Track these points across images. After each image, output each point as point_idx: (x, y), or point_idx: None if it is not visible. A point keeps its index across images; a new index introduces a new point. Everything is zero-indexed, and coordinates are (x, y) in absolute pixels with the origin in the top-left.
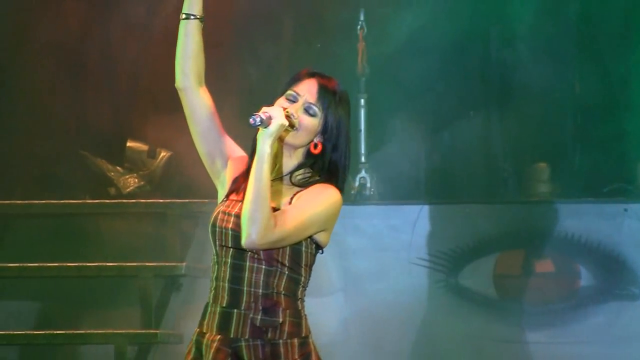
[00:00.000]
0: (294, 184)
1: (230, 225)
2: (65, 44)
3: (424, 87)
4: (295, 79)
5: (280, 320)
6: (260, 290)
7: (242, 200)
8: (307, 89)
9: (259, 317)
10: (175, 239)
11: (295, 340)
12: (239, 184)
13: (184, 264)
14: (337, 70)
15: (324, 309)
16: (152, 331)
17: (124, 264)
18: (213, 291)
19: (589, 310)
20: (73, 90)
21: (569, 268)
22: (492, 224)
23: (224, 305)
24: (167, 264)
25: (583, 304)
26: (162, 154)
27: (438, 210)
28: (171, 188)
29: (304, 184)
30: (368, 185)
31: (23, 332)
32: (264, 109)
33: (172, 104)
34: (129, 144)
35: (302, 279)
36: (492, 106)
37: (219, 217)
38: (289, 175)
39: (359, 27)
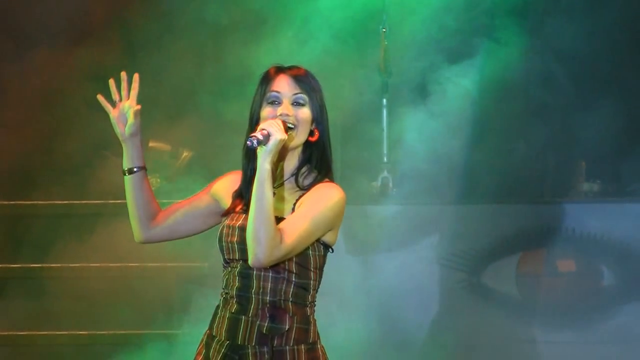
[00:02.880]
0: (298, 186)
1: (235, 239)
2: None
3: (448, 88)
4: (266, 80)
5: (287, 327)
6: (268, 298)
7: (244, 212)
8: (285, 84)
9: (266, 324)
10: (197, 239)
11: (302, 347)
12: (239, 196)
13: (206, 264)
14: (359, 72)
15: (347, 309)
16: (174, 332)
17: (146, 264)
18: (223, 296)
19: (612, 310)
20: None
21: (591, 268)
22: (514, 224)
23: (233, 311)
24: (190, 264)
25: (606, 304)
26: (185, 154)
27: (460, 210)
28: (194, 188)
29: (307, 187)
30: (390, 185)
31: (46, 333)
32: (261, 126)
33: (199, 106)
34: (150, 144)
35: (312, 282)
36: (513, 105)
37: (225, 231)
38: (294, 177)
39: (381, 27)
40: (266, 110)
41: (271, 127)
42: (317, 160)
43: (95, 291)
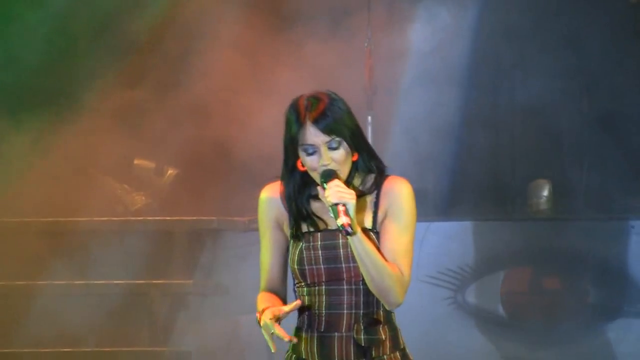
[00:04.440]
0: (363, 192)
1: (321, 261)
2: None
3: (431, 105)
4: (297, 127)
5: (383, 337)
6: (361, 311)
7: (312, 231)
8: (315, 135)
9: (362, 336)
10: (182, 257)
11: (398, 354)
12: (301, 214)
13: (191, 281)
14: (343, 88)
15: None
16: (159, 349)
17: (131, 281)
18: (306, 319)
19: (597, 328)
20: None
21: (576, 285)
22: (499, 241)
23: (322, 330)
24: (174, 281)
25: (591, 321)
26: (169, 171)
27: (445, 227)
28: (178, 206)
29: (372, 188)
30: None
31: (29, 351)
32: (331, 200)
33: (183, 124)
34: (136, 161)
35: None
36: (500, 124)
37: (305, 256)
38: (352, 185)
39: (366, 44)
40: (307, 162)
41: (342, 198)
42: (366, 165)
43: (79, 309)
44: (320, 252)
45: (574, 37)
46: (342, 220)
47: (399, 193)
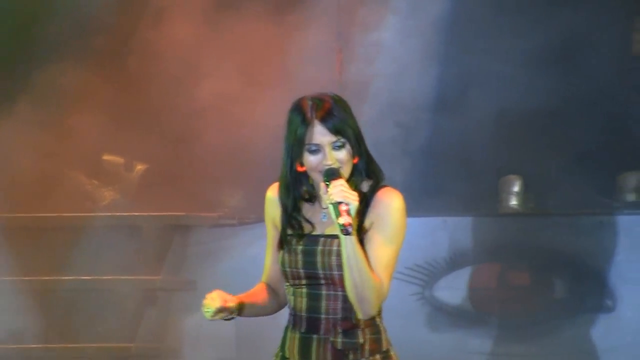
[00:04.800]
0: (362, 197)
1: (300, 265)
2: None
3: (400, 102)
4: (302, 127)
5: (361, 340)
6: (339, 316)
7: (297, 235)
8: (321, 134)
9: (340, 340)
10: (151, 252)
11: (378, 357)
12: (290, 217)
13: (159, 277)
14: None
15: None
16: (127, 345)
17: (99, 277)
18: (292, 317)
19: (564, 323)
20: None
21: (545, 281)
22: (468, 237)
23: (303, 331)
24: (142, 277)
25: (558, 316)
26: (138, 167)
27: (414, 222)
28: (147, 201)
29: (365, 198)
30: None
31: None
32: (335, 198)
33: (150, 119)
34: (105, 157)
35: None
36: (470, 118)
37: (287, 258)
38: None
39: (336, 41)
40: (311, 161)
41: (346, 197)
42: (365, 171)
43: (48, 304)
44: (299, 256)
45: (547, 29)
46: (344, 219)
47: (388, 204)
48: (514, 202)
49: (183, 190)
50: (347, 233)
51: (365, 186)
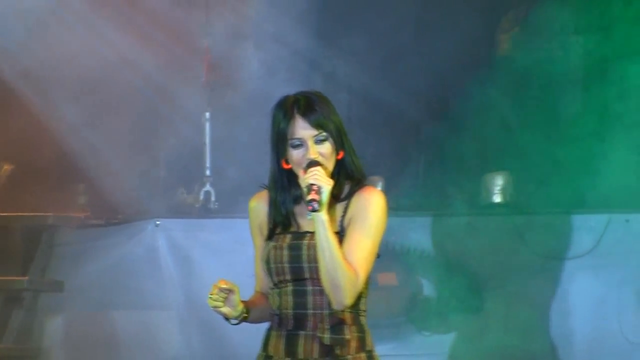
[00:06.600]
0: (338, 199)
1: (285, 260)
2: None
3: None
4: (285, 122)
5: (348, 337)
6: (326, 311)
7: (285, 231)
8: (303, 128)
9: (327, 335)
10: (17, 253)
11: (363, 355)
12: (277, 219)
13: (26, 278)
14: (181, 84)
15: (169, 323)
16: None
17: None
18: (277, 318)
19: (432, 323)
20: None
21: (411, 281)
22: None
23: (290, 328)
24: (8, 278)
25: (426, 317)
26: (5, 167)
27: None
28: (14, 201)
29: (347, 196)
30: (213, 199)
31: None
32: (308, 180)
33: (14, 119)
34: None
35: (363, 290)
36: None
37: (272, 253)
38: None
39: (204, 39)
40: (294, 155)
41: (318, 180)
42: (347, 171)
43: None
44: (285, 251)
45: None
46: (312, 196)
47: (368, 199)
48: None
49: (50, 191)
50: (313, 210)
51: (347, 188)
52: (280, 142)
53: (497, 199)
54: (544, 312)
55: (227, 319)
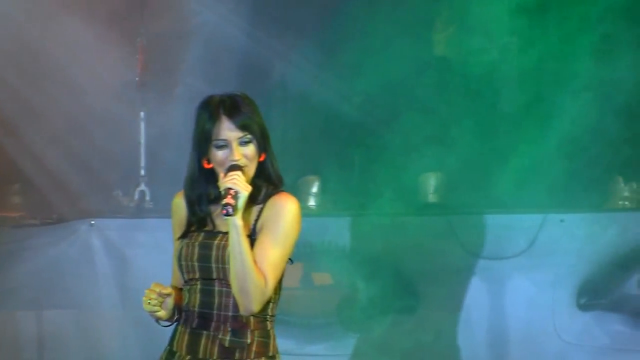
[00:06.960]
0: (253, 202)
1: (195, 258)
2: None
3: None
4: (210, 122)
5: (249, 341)
6: (230, 313)
7: (198, 230)
8: (228, 129)
9: (228, 338)
10: None
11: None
12: (192, 217)
13: None
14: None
15: (104, 323)
16: None
17: None
18: (184, 314)
19: (367, 323)
20: None
21: (347, 281)
22: None
23: (194, 326)
24: None
25: (361, 316)
26: None
27: None
28: None
29: (262, 200)
30: (147, 198)
31: None
32: (226, 184)
33: None
34: None
35: (272, 296)
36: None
37: (184, 251)
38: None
39: (138, 39)
40: (217, 156)
41: (236, 184)
42: (266, 175)
43: None
44: (196, 249)
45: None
46: (227, 200)
47: (281, 207)
48: (312, 202)
49: None
50: (227, 214)
51: (262, 192)
52: (204, 141)
53: (432, 199)
54: (456, 312)
55: (157, 321)
